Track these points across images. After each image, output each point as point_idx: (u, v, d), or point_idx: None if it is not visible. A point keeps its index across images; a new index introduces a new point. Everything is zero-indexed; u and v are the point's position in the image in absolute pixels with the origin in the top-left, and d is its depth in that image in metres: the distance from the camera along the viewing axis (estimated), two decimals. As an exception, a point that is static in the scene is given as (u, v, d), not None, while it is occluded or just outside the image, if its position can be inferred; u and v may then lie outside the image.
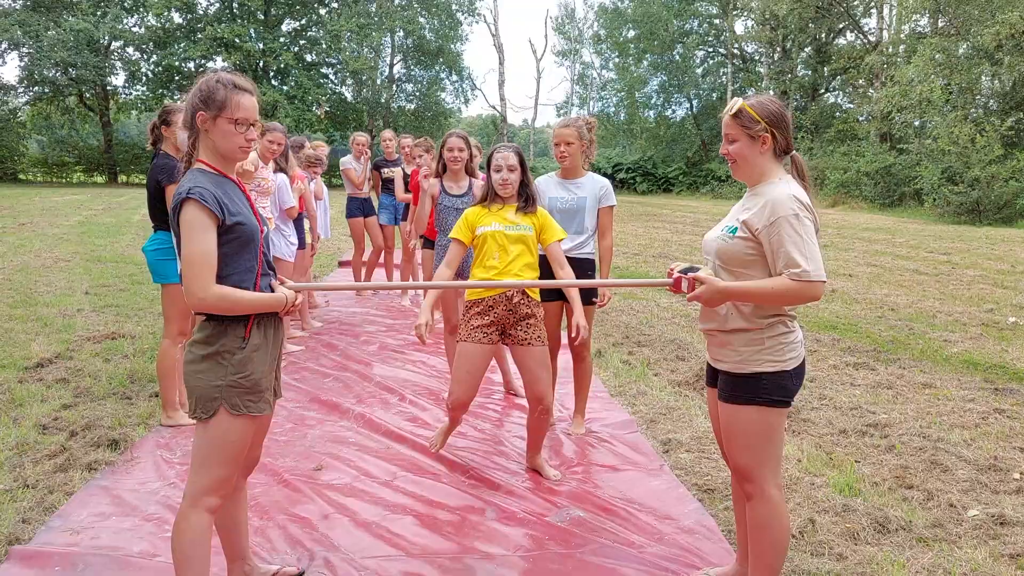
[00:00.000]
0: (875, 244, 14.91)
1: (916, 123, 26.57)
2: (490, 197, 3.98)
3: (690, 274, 2.67)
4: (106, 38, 34.91)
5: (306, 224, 7.07)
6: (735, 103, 2.70)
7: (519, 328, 3.88)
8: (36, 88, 35.03)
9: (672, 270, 2.76)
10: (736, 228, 2.70)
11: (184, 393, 4.62)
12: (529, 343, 3.87)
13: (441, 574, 3.10)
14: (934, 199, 21.55)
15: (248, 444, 2.62)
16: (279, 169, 6.26)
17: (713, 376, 2.89)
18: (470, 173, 5.40)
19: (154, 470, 4.08)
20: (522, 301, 3.86)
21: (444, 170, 5.36)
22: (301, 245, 6.65)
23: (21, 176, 35.58)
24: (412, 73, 42.11)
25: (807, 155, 29.67)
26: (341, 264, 11.56)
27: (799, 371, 2.71)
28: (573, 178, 4.59)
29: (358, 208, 8.81)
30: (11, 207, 19.54)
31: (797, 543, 3.32)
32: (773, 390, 2.66)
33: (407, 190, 8.04)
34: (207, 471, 2.54)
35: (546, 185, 4.62)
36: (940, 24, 26.66)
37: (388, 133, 9.10)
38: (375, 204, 8.97)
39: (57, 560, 3.13)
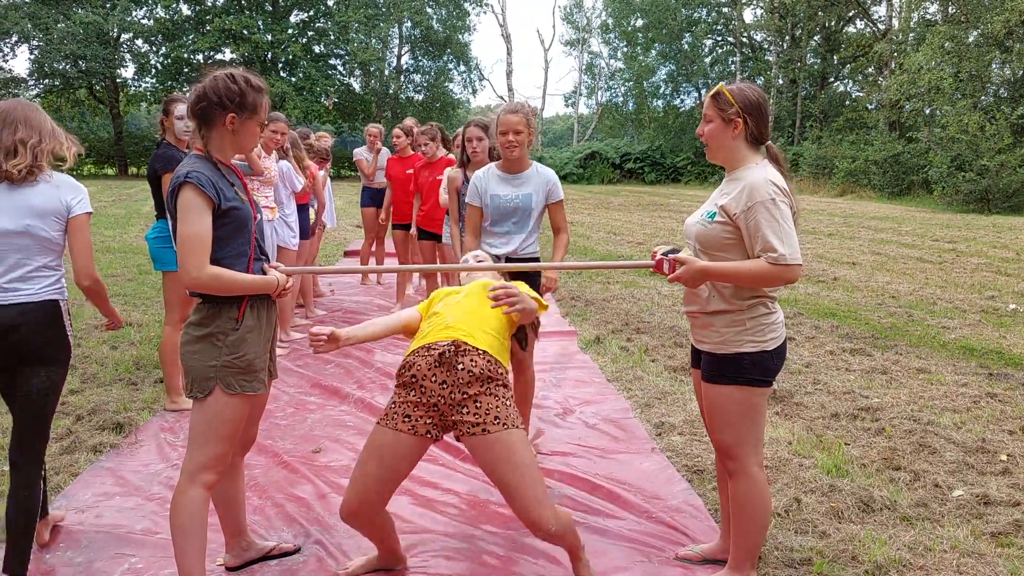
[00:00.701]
0: (881, 233, 14.90)
1: (926, 111, 26.44)
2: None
3: (671, 255, 2.74)
4: (115, 30, 35.09)
5: (311, 212, 7.17)
6: (717, 85, 2.77)
7: (464, 408, 2.67)
8: (46, 81, 35.22)
9: (655, 252, 2.83)
10: (715, 213, 2.76)
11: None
12: (483, 428, 2.64)
13: (433, 551, 3.19)
14: (943, 187, 21.47)
15: (243, 423, 2.70)
16: (282, 157, 6.33)
17: (697, 358, 2.96)
18: (493, 160, 5.05)
19: (157, 452, 4.18)
20: (465, 359, 2.70)
21: (468, 161, 5.05)
22: (304, 235, 6.73)
23: (33, 168, 35.76)
24: (420, 64, 42.14)
25: (815, 144, 29.56)
26: (347, 253, 11.64)
27: (780, 351, 2.78)
28: (518, 171, 4.08)
29: (370, 198, 8.94)
30: (22, 199, 19.68)
31: (781, 521, 3.39)
32: (754, 370, 2.73)
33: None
34: (204, 448, 2.62)
35: (485, 181, 4.10)
36: (950, 11, 26.49)
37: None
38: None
39: (62, 537, 3.23)
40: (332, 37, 37.73)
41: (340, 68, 39.66)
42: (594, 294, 8.70)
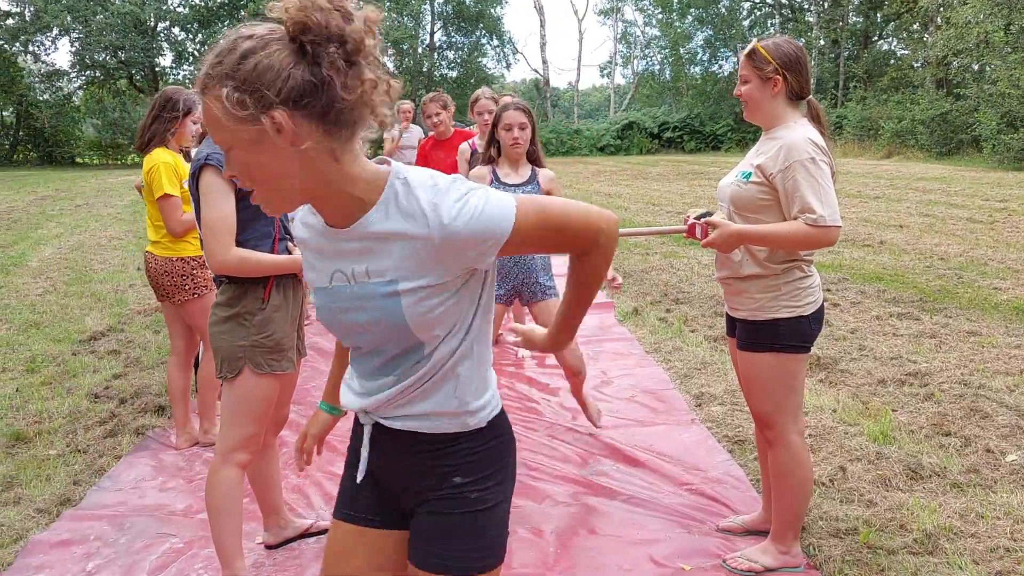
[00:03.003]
0: (929, 194, 14.48)
1: (974, 67, 25.57)
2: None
3: (703, 219, 2.65)
4: (152, 19, 35.50)
5: None
6: (751, 43, 2.65)
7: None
8: (88, 72, 35.87)
9: (688, 217, 2.75)
10: (750, 173, 2.66)
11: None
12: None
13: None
14: (993, 145, 20.79)
15: (274, 401, 2.69)
16: None
17: (732, 326, 2.88)
18: (533, 161, 3.89)
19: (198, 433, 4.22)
20: None
21: (499, 153, 3.85)
22: None
23: (78, 159, 36.55)
24: (453, 40, 41.93)
25: (859, 105, 28.83)
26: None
27: (817, 316, 2.69)
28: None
29: None
30: (68, 189, 20.13)
31: (827, 490, 3.31)
32: (791, 336, 2.64)
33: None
34: (236, 428, 2.62)
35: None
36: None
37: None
38: None
39: (106, 517, 3.28)
40: (364, 16, 37.65)
41: (373, 47, 39.62)
42: (633, 265, 8.60)
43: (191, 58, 37.27)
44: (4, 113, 35.52)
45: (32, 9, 33.87)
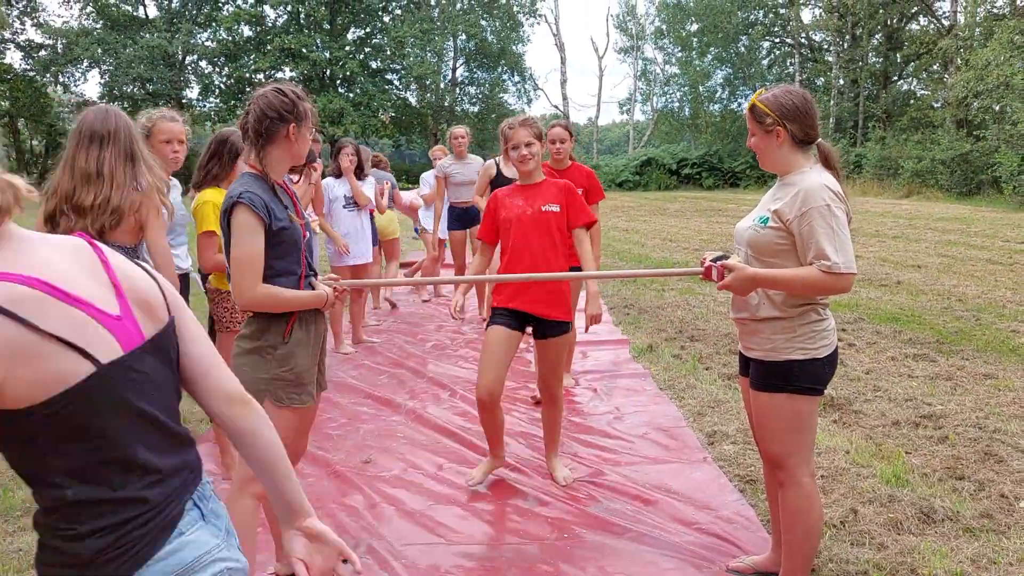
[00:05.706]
0: (948, 234, 14.43)
1: (995, 108, 25.53)
2: None
3: (720, 262, 2.71)
4: (180, 53, 36.27)
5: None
6: (752, 98, 2.73)
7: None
8: (116, 103, 36.59)
9: (704, 259, 2.80)
10: (767, 218, 2.71)
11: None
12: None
13: (480, 561, 3.19)
14: (1014, 187, 20.71)
15: (292, 434, 2.74)
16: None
17: (746, 365, 2.91)
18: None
19: (214, 463, 4.27)
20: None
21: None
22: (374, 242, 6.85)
23: (105, 189, 37.15)
24: (475, 76, 42.50)
25: (879, 144, 28.83)
26: (403, 265, 11.75)
27: (831, 359, 2.72)
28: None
29: (457, 219, 7.70)
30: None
31: (837, 533, 3.31)
32: (804, 378, 2.67)
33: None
34: (252, 459, 2.67)
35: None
36: (1018, 4, 25.58)
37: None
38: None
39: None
40: (388, 52, 38.30)
41: (396, 83, 40.23)
42: (648, 302, 8.62)
43: (217, 91, 37.98)
44: (33, 142, 36.30)
45: (64, 42, 34.76)
